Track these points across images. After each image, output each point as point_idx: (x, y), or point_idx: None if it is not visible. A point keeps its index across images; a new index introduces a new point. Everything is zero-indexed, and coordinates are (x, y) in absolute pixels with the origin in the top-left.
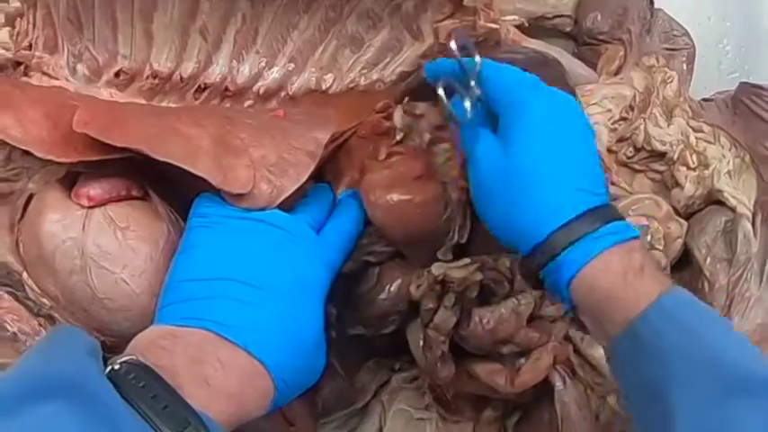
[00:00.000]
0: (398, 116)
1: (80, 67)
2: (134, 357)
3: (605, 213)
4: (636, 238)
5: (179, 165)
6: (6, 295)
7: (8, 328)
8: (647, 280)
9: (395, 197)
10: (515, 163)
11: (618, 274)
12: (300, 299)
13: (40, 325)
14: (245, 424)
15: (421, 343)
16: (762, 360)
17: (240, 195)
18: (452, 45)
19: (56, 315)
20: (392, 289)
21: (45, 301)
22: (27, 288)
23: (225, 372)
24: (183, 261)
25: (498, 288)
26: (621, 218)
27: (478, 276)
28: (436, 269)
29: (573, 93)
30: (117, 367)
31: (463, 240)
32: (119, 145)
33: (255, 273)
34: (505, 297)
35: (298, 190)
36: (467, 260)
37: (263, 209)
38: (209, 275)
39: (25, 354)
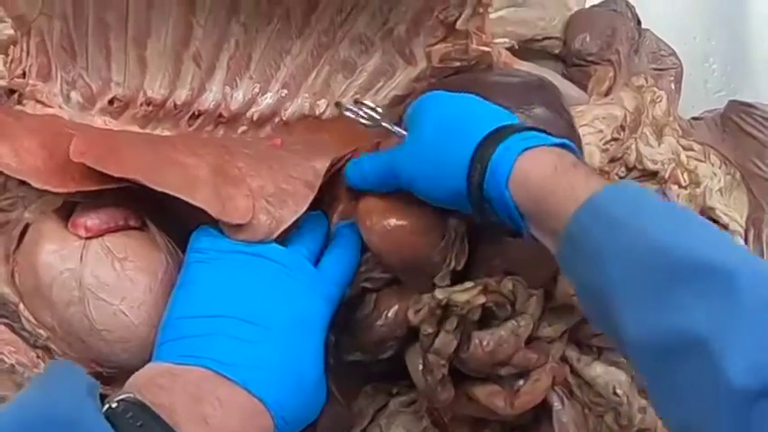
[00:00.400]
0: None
1: (74, 95)
2: (131, 395)
3: (519, 126)
4: (571, 150)
5: (176, 195)
6: (3, 327)
7: (6, 360)
8: (581, 176)
9: (391, 222)
10: (424, 137)
11: (548, 168)
12: (300, 335)
13: (38, 357)
14: None
15: (421, 367)
16: (709, 243)
17: (239, 226)
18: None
19: (52, 346)
20: (389, 315)
21: (42, 332)
22: (23, 319)
23: (224, 410)
24: (181, 298)
25: (500, 311)
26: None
27: (482, 299)
28: (440, 293)
29: (570, 115)
30: (114, 405)
31: (459, 267)
32: (115, 175)
33: (254, 310)
34: (506, 319)
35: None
36: (470, 283)
37: (261, 241)
38: (208, 312)
39: (25, 388)
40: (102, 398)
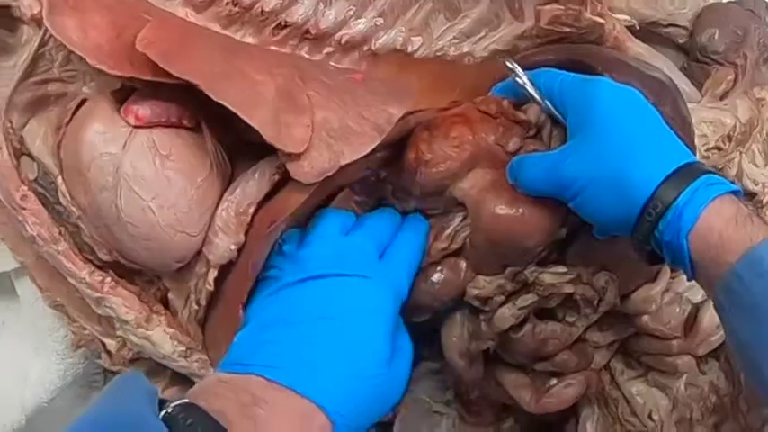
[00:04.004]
0: (535, 111)
1: None
2: (186, 400)
3: (703, 166)
4: (738, 192)
5: (234, 110)
6: (33, 196)
7: (28, 229)
8: (757, 228)
9: (521, 203)
10: (606, 141)
11: (730, 219)
12: (356, 331)
13: (60, 234)
14: None
15: (466, 335)
16: None
17: (293, 155)
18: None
19: (82, 225)
20: (436, 283)
21: (74, 209)
22: (59, 193)
23: (274, 412)
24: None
25: (586, 305)
26: (717, 173)
27: (569, 288)
28: (530, 273)
29: (690, 119)
30: (170, 410)
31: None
32: (176, 75)
33: (305, 316)
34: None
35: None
36: (563, 268)
37: (317, 176)
38: (260, 325)
39: (99, 395)
40: (162, 403)
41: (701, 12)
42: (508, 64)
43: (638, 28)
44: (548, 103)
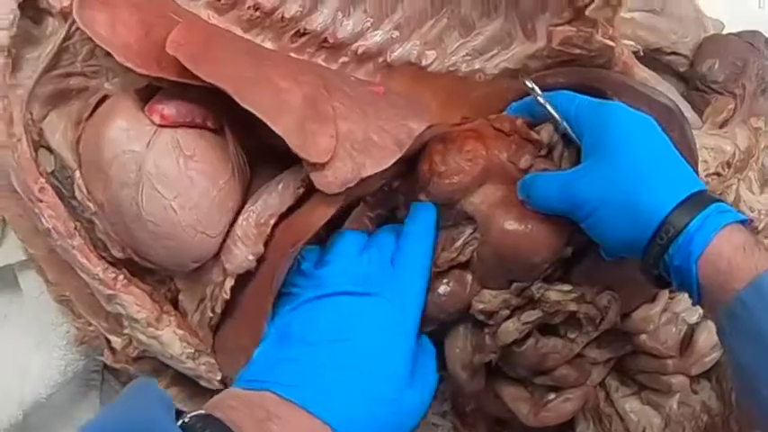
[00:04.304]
0: (548, 132)
1: None
2: (203, 412)
3: (712, 195)
4: (745, 222)
5: (260, 116)
6: (50, 189)
7: (44, 222)
8: (764, 257)
9: (530, 220)
10: (620, 165)
11: (739, 246)
12: (373, 352)
13: (75, 228)
14: None
15: (469, 347)
16: None
17: (317, 165)
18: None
19: (96, 221)
20: (442, 294)
21: (90, 205)
22: (76, 188)
23: (287, 429)
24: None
25: (588, 323)
26: (725, 202)
27: (573, 307)
28: (536, 290)
29: (695, 145)
30: (187, 420)
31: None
32: (205, 78)
33: (321, 335)
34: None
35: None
36: (568, 287)
37: (339, 187)
38: (282, 339)
39: (113, 403)
40: (178, 414)
41: (702, 42)
42: (528, 83)
43: (641, 54)
44: (565, 124)
